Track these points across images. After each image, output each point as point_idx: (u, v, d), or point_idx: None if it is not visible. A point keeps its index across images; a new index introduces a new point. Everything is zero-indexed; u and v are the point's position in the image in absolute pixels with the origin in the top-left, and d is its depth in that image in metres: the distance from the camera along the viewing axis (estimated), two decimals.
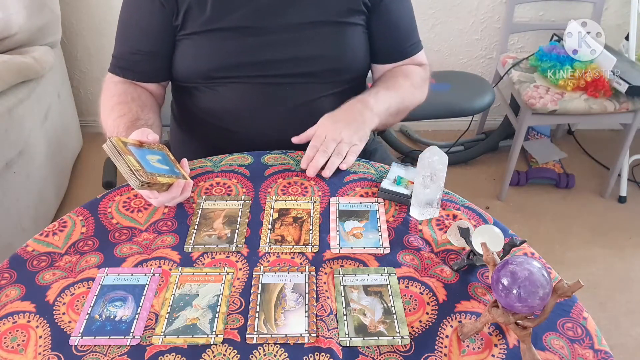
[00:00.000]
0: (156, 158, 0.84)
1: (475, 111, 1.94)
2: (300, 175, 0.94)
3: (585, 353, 0.66)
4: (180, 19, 0.96)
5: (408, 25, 1.09)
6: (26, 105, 1.64)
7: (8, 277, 0.74)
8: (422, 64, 1.14)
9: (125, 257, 0.78)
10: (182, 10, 0.95)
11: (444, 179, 0.83)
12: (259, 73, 0.99)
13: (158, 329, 0.67)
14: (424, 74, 1.12)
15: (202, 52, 0.98)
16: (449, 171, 0.84)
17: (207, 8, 0.95)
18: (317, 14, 0.97)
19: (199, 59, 0.99)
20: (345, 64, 1.02)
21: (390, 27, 1.05)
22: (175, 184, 0.82)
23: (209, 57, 0.98)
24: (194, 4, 0.95)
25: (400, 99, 1.04)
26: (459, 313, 0.70)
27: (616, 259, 1.86)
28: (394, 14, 1.04)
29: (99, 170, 1.21)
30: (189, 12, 0.95)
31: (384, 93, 1.02)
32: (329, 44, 1.00)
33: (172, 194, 0.83)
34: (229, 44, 0.96)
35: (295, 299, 0.72)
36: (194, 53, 0.99)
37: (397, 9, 1.05)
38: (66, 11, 2.05)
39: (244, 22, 0.95)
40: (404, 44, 1.09)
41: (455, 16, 2.22)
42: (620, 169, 2.06)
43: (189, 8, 0.95)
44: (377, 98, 1.00)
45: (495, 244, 0.71)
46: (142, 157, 0.81)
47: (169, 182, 0.82)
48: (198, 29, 0.96)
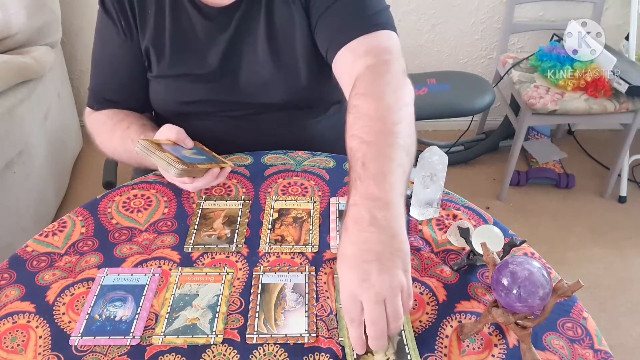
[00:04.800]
0: (191, 151, 0.85)
1: (475, 111, 1.94)
2: (300, 175, 0.94)
3: (585, 353, 0.66)
4: (145, 62, 0.95)
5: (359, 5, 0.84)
6: (26, 105, 1.64)
7: (8, 278, 0.74)
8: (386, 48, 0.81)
9: (125, 257, 0.78)
10: (143, 52, 0.94)
11: (444, 179, 0.83)
12: (230, 110, 0.97)
13: (158, 329, 0.67)
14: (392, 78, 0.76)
15: (168, 91, 0.97)
16: (449, 171, 0.84)
17: (165, 53, 0.92)
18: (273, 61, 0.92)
19: (166, 98, 0.97)
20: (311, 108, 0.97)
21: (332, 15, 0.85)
22: (211, 170, 0.84)
23: (174, 97, 0.96)
24: (152, 48, 0.92)
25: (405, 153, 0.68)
26: (459, 313, 0.70)
27: (616, 259, 1.86)
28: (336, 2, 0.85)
29: (99, 170, 1.21)
30: (149, 56, 0.93)
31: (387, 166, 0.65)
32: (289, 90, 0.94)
33: (207, 179, 0.84)
34: (193, 86, 0.94)
35: (295, 299, 0.72)
36: (160, 93, 0.97)
37: None
38: (66, 11, 2.05)
39: (201, 69, 0.93)
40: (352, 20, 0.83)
41: (456, 16, 2.22)
42: (620, 169, 2.06)
43: (147, 52, 0.93)
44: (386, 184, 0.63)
45: (495, 244, 0.71)
46: (176, 151, 0.82)
47: (208, 167, 0.83)
48: (160, 73, 0.94)
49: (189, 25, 0.91)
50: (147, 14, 0.91)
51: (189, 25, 0.91)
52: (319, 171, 0.95)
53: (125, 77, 0.97)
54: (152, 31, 0.91)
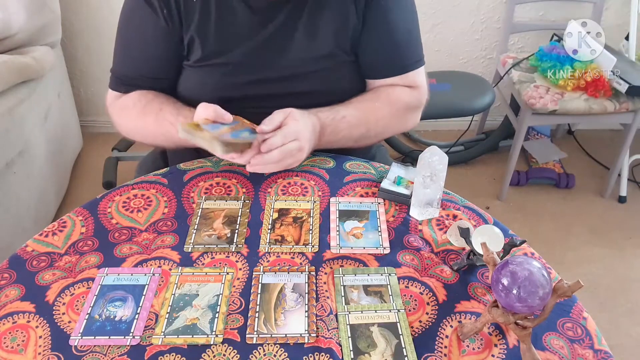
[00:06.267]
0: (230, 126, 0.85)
1: (475, 111, 1.94)
2: (300, 175, 0.94)
3: (585, 353, 0.66)
4: (185, 50, 0.96)
5: (404, 39, 1.00)
6: (26, 105, 1.64)
7: (8, 277, 0.74)
8: (416, 86, 1.02)
9: (125, 257, 0.78)
10: (186, 42, 0.95)
11: (444, 179, 0.83)
12: (256, 106, 0.97)
13: (158, 329, 0.67)
14: (412, 100, 1.02)
15: (201, 83, 0.98)
16: (449, 171, 0.84)
17: (209, 42, 0.94)
18: (312, 52, 0.96)
19: (197, 90, 0.98)
20: (339, 98, 1.00)
21: (382, 41, 0.98)
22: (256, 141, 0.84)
23: (207, 90, 0.97)
24: (197, 37, 0.94)
25: (365, 129, 0.98)
26: (459, 313, 0.70)
27: (616, 259, 1.86)
28: (390, 25, 0.98)
29: (99, 170, 1.21)
30: (192, 45, 0.95)
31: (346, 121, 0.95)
32: (324, 80, 0.99)
33: (255, 150, 0.84)
34: (228, 78, 0.96)
35: (295, 299, 0.72)
36: (194, 84, 0.98)
37: (396, 21, 0.98)
38: (66, 11, 2.05)
39: (243, 58, 0.95)
40: (395, 60, 1.00)
41: (456, 16, 2.22)
42: (620, 169, 2.06)
43: (191, 41, 0.95)
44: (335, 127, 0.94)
45: (495, 244, 0.71)
46: (216, 127, 0.82)
47: (250, 141, 0.83)
48: (202, 61, 0.95)
49: (234, 16, 0.93)
50: (193, 4, 0.93)
51: (233, 16, 0.93)
52: (319, 171, 0.95)
53: (160, 64, 0.98)
54: (197, 20, 0.93)
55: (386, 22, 0.97)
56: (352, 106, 0.97)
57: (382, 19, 0.97)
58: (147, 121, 0.95)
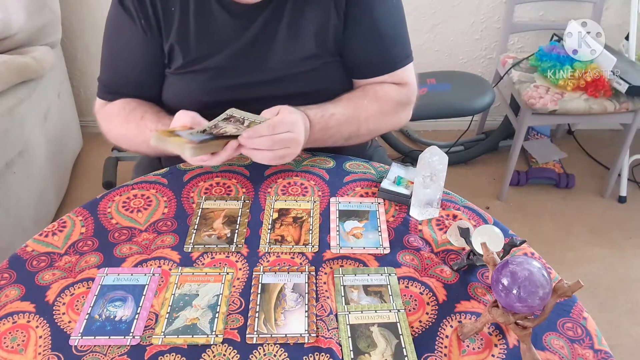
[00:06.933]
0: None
1: (475, 111, 1.94)
2: (300, 175, 0.94)
3: (585, 353, 0.66)
4: (166, 58, 0.96)
5: (389, 37, 0.98)
6: (26, 105, 1.64)
7: (8, 277, 0.74)
8: (405, 83, 1.01)
9: (125, 257, 0.78)
10: (166, 50, 0.95)
11: (444, 179, 0.83)
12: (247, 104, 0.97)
13: (158, 329, 0.67)
14: (400, 97, 1.00)
15: (184, 90, 0.97)
16: (449, 171, 0.84)
17: (190, 49, 0.94)
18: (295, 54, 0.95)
19: (181, 96, 0.98)
20: (327, 99, 0.98)
21: (367, 40, 0.96)
22: (229, 143, 0.83)
23: (190, 97, 0.97)
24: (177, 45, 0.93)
25: (355, 127, 0.96)
26: (459, 313, 0.70)
27: (616, 259, 1.86)
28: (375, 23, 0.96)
29: (99, 170, 1.21)
30: (173, 52, 0.94)
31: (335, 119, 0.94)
32: (310, 82, 0.98)
33: (228, 152, 0.83)
34: (211, 83, 0.95)
35: (295, 299, 0.72)
36: (176, 92, 0.98)
37: (380, 18, 0.96)
38: (66, 11, 2.05)
39: (225, 63, 0.95)
40: (383, 58, 0.98)
41: (456, 16, 2.22)
42: (620, 169, 2.06)
43: (171, 49, 0.94)
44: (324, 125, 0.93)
45: (495, 244, 0.71)
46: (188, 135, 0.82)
47: (220, 144, 0.83)
48: (183, 68, 0.95)
49: (214, 21, 0.93)
50: (171, 12, 0.92)
51: (213, 22, 0.93)
52: (319, 171, 0.95)
53: (142, 73, 0.98)
54: (177, 28, 0.92)
55: (369, 20, 0.95)
56: (340, 104, 0.96)
57: (365, 17, 0.95)
58: (130, 129, 0.95)
